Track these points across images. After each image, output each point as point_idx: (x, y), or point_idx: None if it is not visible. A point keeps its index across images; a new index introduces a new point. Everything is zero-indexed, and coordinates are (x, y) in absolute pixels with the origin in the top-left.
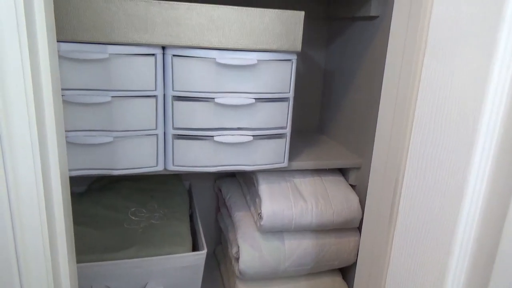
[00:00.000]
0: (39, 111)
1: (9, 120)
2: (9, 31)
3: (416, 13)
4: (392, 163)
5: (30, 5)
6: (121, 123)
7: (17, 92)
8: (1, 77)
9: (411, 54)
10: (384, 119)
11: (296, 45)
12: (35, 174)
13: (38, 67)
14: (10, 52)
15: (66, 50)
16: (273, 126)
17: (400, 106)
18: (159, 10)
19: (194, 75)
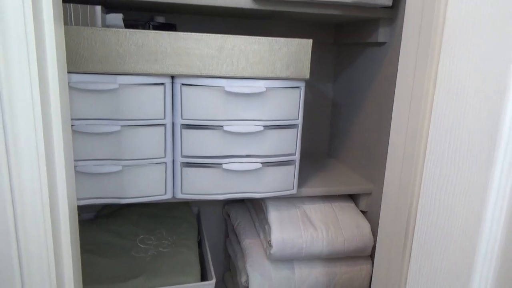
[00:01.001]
0: (48, 141)
1: (18, 149)
2: (19, 62)
3: (425, 41)
4: (405, 189)
5: (41, 37)
6: (130, 151)
7: (27, 122)
8: (11, 107)
9: (421, 82)
10: (395, 145)
11: (304, 72)
12: (43, 205)
13: (48, 98)
14: (20, 84)
15: (76, 81)
16: (282, 153)
17: (412, 132)
18: (168, 41)
19: (203, 104)
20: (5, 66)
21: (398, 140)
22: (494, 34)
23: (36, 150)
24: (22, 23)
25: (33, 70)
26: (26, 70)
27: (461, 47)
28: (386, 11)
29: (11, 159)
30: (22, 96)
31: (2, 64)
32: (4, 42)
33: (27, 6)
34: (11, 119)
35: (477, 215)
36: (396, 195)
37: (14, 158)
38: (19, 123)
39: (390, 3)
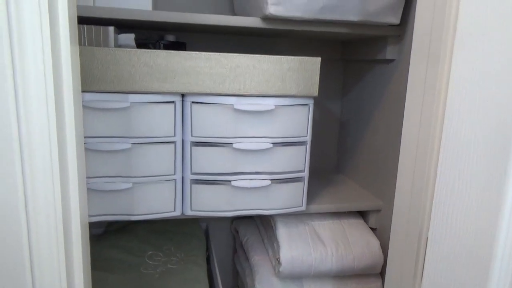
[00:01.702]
0: (62, 159)
1: (33, 166)
2: (36, 82)
3: (435, 58)
4: (415, 207)
5: (58, 58)
6: (141, 169)
7: (42, 139)
8: (27, 125)
9: (431, 99)
10: (405, 163)
11: (313, 90)
12: (56, 221)
13: (63, 117)
14: (37, 103)
15: (89, 100)
16: (290, 170)
17: (422, 149)
18: (179, 60)
19: (212, 121)
20: (23, 85)
21: (408, 158)
22: (506, 48)
23: (50, 167)
24: (40, 44)
25: (49, 90)
26: (43, 89)
27: (472, 63)
28: (394, 29)
29: (26, 175)
30: (38, 114)
31: (20, 84)
32: (22, 62)
33: (45, 28)
34: (28, 136)
35: (490, 234)
36: (407, 212)
37: (29, 175)
38: (35, 140)
39: (398, 21)
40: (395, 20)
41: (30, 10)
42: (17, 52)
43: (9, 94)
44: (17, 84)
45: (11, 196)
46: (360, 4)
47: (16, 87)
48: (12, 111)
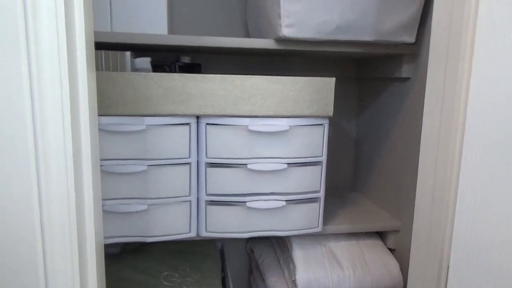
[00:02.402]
0: (78, 182)
1: (49, 187)
2: (53, 107)
3: (452, 78)
4: (436, 228)
5: (74, 84)
6: (156, 190)
7: (58, 162)
8: (44, 148)
9: (449, 118)
10: (424, 182)
11: (327, 110)
12: (71, 243)
13: (79, 140)
14: (53, 127)
15: (106, 123)
16: (306, 191)
17: (442, 168)
18: (194, 83)
19: (227, 142)
20: (40, 109)
21: (427, 178)
22: None
23: (66, 189)
24: (57, 70)
25: (66, 114)
26: (60, 114)
27: (490, 80)
28: (409, 47)
29: (43, 197)
30: (55, 138)
31: (37, 108)
32: (40, 87)
33: (62, 55)
34: (45, 158)
35: None
36: (427, 234)
37: (45, 196)
38: (51, 162)
39: (413, 39)
40: (410, 39)
41: (49, 37)
42: (35, 77)
43: (27, 118)
44: (34, 109)
45: (27, 217)
46: (374, 24)
47: (33, 112)
48: (30, 135)
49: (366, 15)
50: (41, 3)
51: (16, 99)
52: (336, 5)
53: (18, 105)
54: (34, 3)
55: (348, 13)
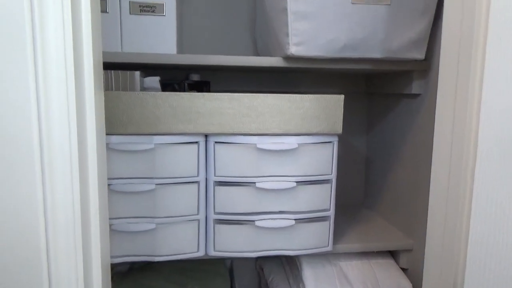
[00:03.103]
0: (84, 201)
1: (54, 208)
2: (60, 126)
3: (463, 93)
4: (449, 247)
5: (82, 103)
6: (164, 209)
7: (64, 181)
8: (51, 167)
9: (461, 136)
10: (437, 201)
11: (336, 128)
12: (76, 263)
13: (86, 159)
14: (60, 146)
15: (115, 143)
16: (315, 209)
17: (454, 187)
18: (202, 101)
19: (235, 161)
20: (47, 129)
21: (439, 196)
22: None
23: (72, 209)
24: (64, 90)
25: (72, 134)
26: (66, 133)
27: (502, 97)
28: (419, 64)
29: (48, 216)
30: (61, 157)
31: (44, 127)
32: (46, 107)
33: (69, 75)
34: (50, 178)
35: None
36: (439, 255)
37: (51, 216)
38: (57, 182)
39: (423, 56)
40: (419, 55)
41: (56, 58)
42: (42, 96)
43: (34, 138)
44: (41, 128)
45: (33, 236)
46: (383, 42)
47: (40, 131)
48: (37, 155)
49: (375, 33)
50: (49, 24)
51: (23, 119)
52: (344, 24)
53: (25, 125)
54: (42, 24)
55: (356, 31)
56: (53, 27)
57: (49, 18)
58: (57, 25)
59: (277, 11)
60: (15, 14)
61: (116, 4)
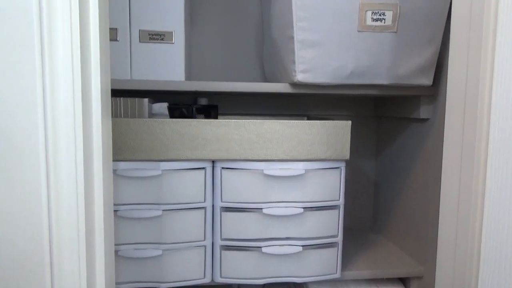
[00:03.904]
0: (90, 227)
1: (60, 233)
2: (67, 152)
3: (471, 118)
4: (460, 278)
5: (88, 131)
6: (171, 235)
7: (70, 206)
8: (57, 192)
9: (470, 161)
10: (446, 227)
11: (344, 153)
12: None
13: (92, 186)
14: (67, 172)
15: (123, 169)
16: (323, 235)
17: (464, 213)
18: (210, 128)
19: (242, 187)
20: (54, 155)
21: (449, 222)
22: None
23: (77, 234)
24: (72, 117)
25: (79, 160)
26: (73, 159)
27: (510, 123)
28: (427, 89)
29: (53, 241)
30: (67, 183)
31: (51, 153)
32: (54, 134)
33: (77, 102)
34: (56, 203)
35: None
36: (451, 281)
37: (56, 241)
38: (63, 207)
39: (430, 82)
40: (427, 81)
41: (64, 85)
42: (50, 122)
43: (41, 164)
44: (48, 154)
45: (37, 262)
46: (390, 68)
47: (47, 157)
48: (43, 180)
49: (381, 60)
50: (58, 52)
51: (30, 143)
52: (350, 51)
53: (32, 150)
54: (51, 51)
55: (363, 59)
56: (62, 55)
57: (58, 47)
58: (65, 52)
59: (284, 39)
60: (26, 39)
61: (126, 33)
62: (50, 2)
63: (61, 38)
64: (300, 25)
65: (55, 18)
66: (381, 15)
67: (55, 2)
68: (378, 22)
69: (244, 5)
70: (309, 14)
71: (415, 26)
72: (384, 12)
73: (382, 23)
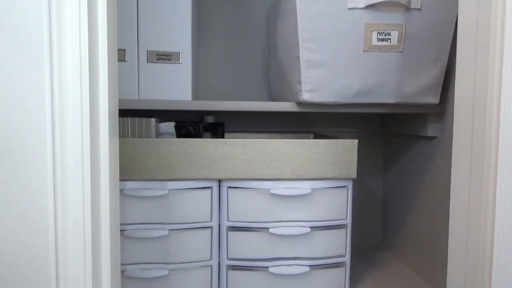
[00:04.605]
0: (96, 248)
1: (66, 253)
2: (75, 172)
3: (480, 136)
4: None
5: (96, 150)
6: (177, 255)
7: (76, 227)
8: (63, 214)
9: (479, 180)
10: (456, 248)
11: (351, 172)
12: None
13: (99, 205)
14: (74, 192)
15: (130, 189)
16: (330, 255)
17: (474, 236)
18: (216, 147)
19: (249, 206)
20: (61, 175)
21: (459, 241)
22: None
23: (83, 254)
24: (79, 137)
25: (86, 179)
26: (80, 179)
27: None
28: (434, 107)
29: (60, 263)
30: (74, 202)
31: (58, 173)
32: (62, 152)
33: (85, 122)
34: (63, 224)
35: None
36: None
37: (62, 262)
38: (69, 228)
39: (437, 100)
40: (434, 100)
41: (73, 106)
42: (58, 142)
43: (48, 181)
44: (56, 174)
45: (44, 280)
46: (396, 88)
47: (55, 177)
48: (50, 200)
49: (387, 79)
50: (67, 73)
51: (38, 164)
52: (356, 71)
53: (40, 170)
54: (60, 73)
55: (369, 78)
56: (71, 75)
57: (67, 67)
58: (74, 73)
59: (290, 59)
60: (35, 60)
61: (134, 53)
62: (60, 24)
63: (70, 59)
64: (306, 45)
65: (64, 39)
66: (386, 35)
67: (65, 24)
68: (384, 42)
69: (251, 25)
70: (315, 35)
71: (420, 45)
72: (389, 32)
73: (387, 43)
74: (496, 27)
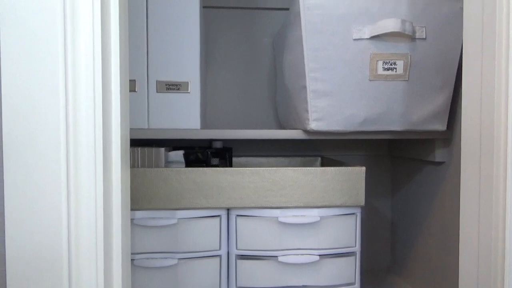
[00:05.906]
0: (108, 277)
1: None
2: (87, 203)
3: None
4: None
5: (109, 182)
6: (187, 284)
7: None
8: (76, 244)
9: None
10: (466, 272)
11: (359, 199)
12: None
13: (111, 235)
14: (87, 223)
15: (140, 218)
16: (340, 283)
17: (485, 260)
18: (225, 176)
19: (257, 234)
20: (75, 205)
21: (470, 266)
22: None
23: (96, 284)
24: (93, 169)
25: (99, 210)
26: (93, 209)
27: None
28: (441, 133)
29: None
30: (88, 234)
31: (72, 204)
32: (76, 185)
33: (98, 154)
34: (76, 254)
35: None
36: None
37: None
38: (82, 258)
39: (444, 127)
40: (441, 127)
41: (86, 138)
42: (73, 174)
43: (63, 211)
44: (70, 205)
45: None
46: (403, 115)
47: (69, 209)
48: (64, 233)
49: (394, 107)
50: (81, 106)
51: (52, 196)
52: (363, 100)
53: (54, 203)
54: (75, 105)
55: (375, 107)
56: (85, 107)
57: (81, 100)
58: (88, 105)
59: (296, 87)
60: (50, 99)
61: (144, 84)
62: (75, 57)
63: (84, 91)
64: (312, 75)
65: (79, 72)
66: (392, 64)
67: (79, 57)
68: (390, 71)
69: (257, 53)
70: (321, 65)
71: (426, 74)
72: (395, 61)
73: (393, 72)
74: (501, 53)
